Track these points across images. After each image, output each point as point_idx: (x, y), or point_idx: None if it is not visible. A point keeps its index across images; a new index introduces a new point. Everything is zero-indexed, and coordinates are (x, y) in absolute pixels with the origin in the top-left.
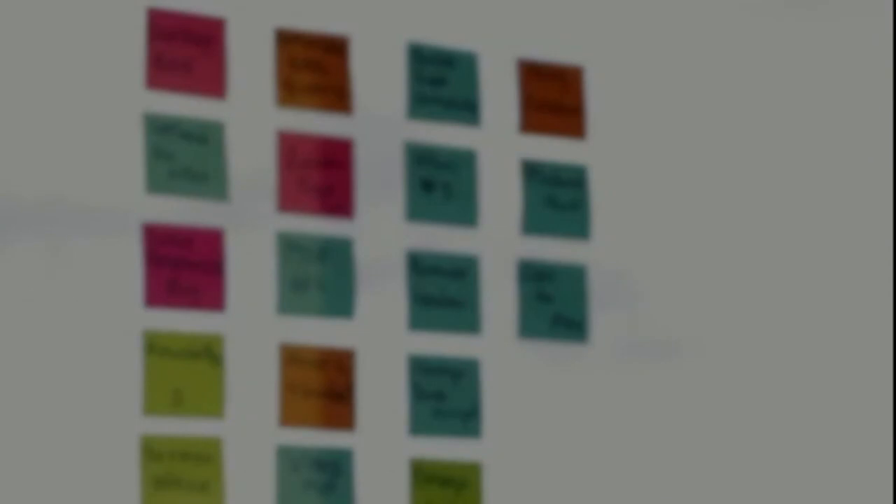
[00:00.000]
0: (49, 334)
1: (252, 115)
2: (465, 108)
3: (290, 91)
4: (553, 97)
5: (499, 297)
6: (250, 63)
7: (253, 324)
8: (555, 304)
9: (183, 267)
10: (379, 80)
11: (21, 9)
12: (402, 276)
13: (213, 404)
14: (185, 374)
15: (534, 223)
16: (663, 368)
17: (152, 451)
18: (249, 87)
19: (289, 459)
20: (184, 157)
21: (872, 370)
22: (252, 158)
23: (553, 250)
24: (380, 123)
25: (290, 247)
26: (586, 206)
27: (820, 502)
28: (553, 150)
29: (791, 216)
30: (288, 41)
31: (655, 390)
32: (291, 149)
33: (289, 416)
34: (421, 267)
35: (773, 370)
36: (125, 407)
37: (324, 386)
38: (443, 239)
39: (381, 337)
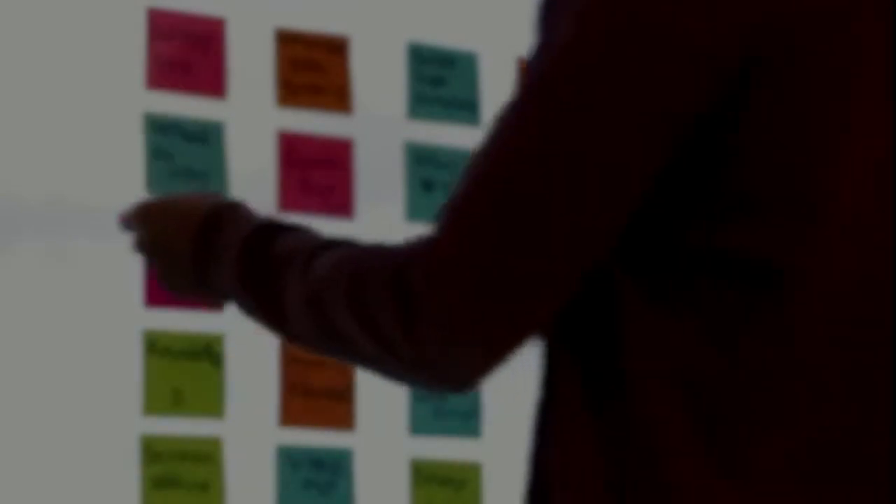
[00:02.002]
0: (50, 334)
1: (252, 115)
2: (465, 108)
3: (290, 91)
4: None
5: None
6: (250, 63)
7: (253, 324)
8: None
9: None
10: (379, 80)
11: (21, 9)
12: None
13: (213, 404)
14: (185, 374)
15: None
16: None
17: (152, 451)
18: (249, 87)
19: (289, 459)
20: (184, 157)
21: None
22: (252, 158)
23: None
24: (380, 123)
25: None
26: None
27: None
28: None
29: None
30: (288, 41)
31: None
32: (291, 149)
33: (289, 416)
34: None
35: None
36: (125, 407)
37: (324, 386)
38: None
39: None
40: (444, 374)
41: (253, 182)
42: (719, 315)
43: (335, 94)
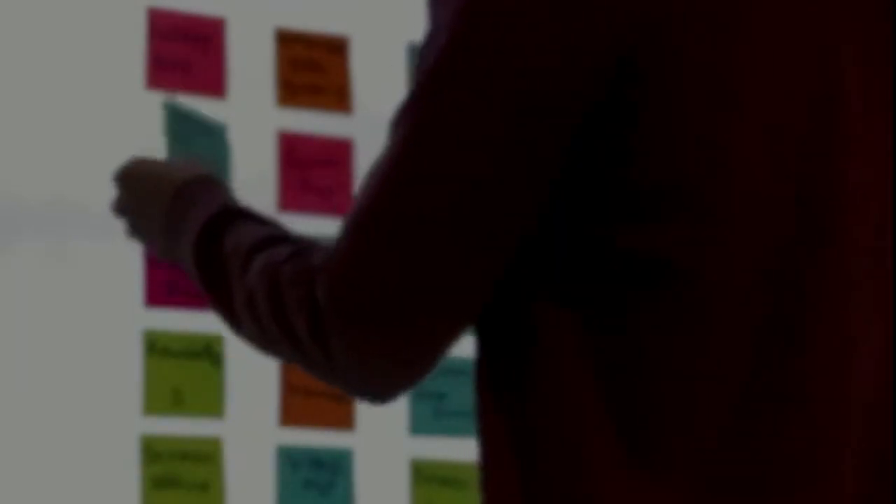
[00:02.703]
0: (50, 334)
1: (252, 115)
2: None
3: (290, 91)
4: None
5: None
6: (250, 63)
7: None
8: None
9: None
10: (379, 80)
11: (21, 9)
12: None
13: (213, 404)
14: (185, 374)
15: None
16: None
17: (152, 451)
18: (249, 87)
19: (289, 459)
20: (197, 148)
21: None
22: (252, 158)
23: None
24: (380, 123)
25: None
26: None
27: None
28: None
29: None
30: (288, 41)
31: None
32: (291, 149)
33: (289, 416)
34: None
35: None
36: (125, 407)
37: (324, 386)
38: None
39: None
40: (360, 384)
41: (253, 182)
42: (625, 313)
43: (335, 94)
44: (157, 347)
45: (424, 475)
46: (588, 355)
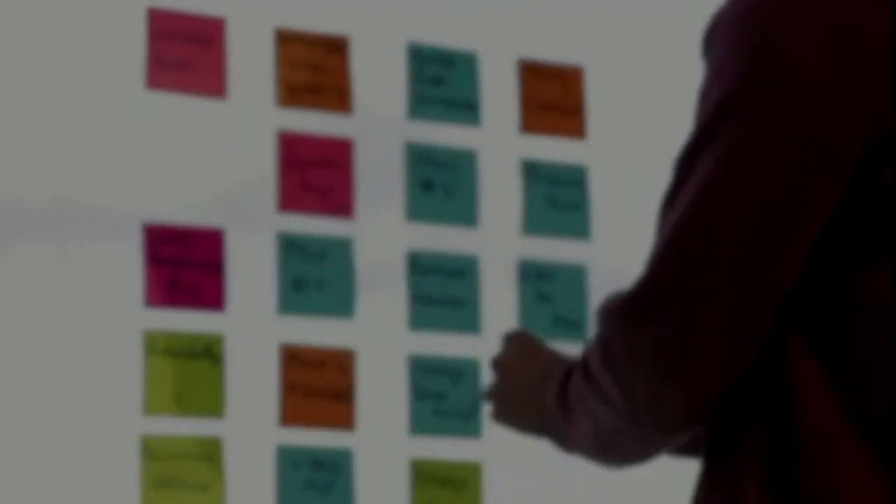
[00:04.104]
0: (50, 334)
1: (252, 115)
2: (465, 108)
3: (290, 91)
4: (553, 97)
5: (499, 297)
6: (250, 63)
7: (253, 324)
8: (555, 304)
9: (183, 267)
10: (379, 80)
11: (22, 10)
12: (402, 276)
13: (213, 404)
14: (185, 374)
15: (534, 223)
16: None
17: (152, 451)
18: (249, 87)
19: (289, 459)
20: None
21: None
22: (252, 158)
23: (553, 250)
24: (380, 123)
25: (290, 247)
26: (586, 206)
27: None
28: (553, 150)
29: None
30: (288, 41)
31: None
32: (291, 149)
33: (289, 416)
34: (421, 267)
35: None
36: (125, 407)
37: (324, 386)
38: (443, 239)
39: (381, 337)
40: (652, 415)
41: (253, 182)
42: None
43: (335, 94)
44: (157, 347)
45: (424, 475)
46: (823, 376)
